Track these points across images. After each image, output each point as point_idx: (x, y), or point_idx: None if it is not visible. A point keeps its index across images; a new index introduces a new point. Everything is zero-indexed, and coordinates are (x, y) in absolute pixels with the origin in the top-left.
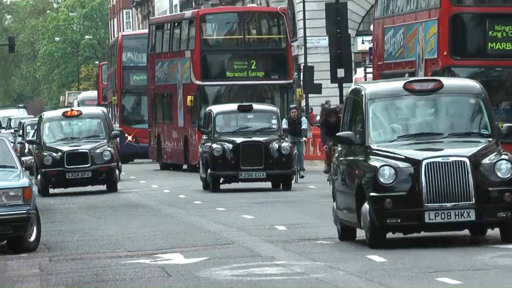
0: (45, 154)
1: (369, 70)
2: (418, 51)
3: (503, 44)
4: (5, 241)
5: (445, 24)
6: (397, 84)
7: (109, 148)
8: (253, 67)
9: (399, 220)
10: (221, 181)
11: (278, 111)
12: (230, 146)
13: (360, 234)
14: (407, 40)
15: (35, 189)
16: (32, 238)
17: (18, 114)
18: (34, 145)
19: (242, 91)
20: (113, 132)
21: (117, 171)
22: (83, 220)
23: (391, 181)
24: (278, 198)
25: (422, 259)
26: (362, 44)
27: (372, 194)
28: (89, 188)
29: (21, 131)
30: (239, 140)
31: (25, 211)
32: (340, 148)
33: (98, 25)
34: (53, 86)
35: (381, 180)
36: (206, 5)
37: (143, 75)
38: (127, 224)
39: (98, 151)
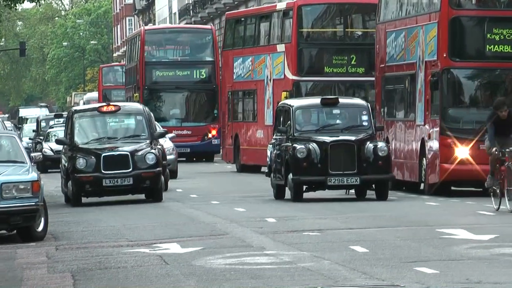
0: (77, 156)
1: None
2: (418, 54)
3: (501, 47)
4: (15, 231)
5: (445, 27)
6: None
7: (153, 150)
8: (353, 62)
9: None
10: (304, 188)
11: (369, 105)
12: (316, 146)
13: None
14: (408, 42)
15: (43, 182)
16: (40, 228)
17: (40, 113)
18: (63, 146)
19: (340, 88)
20: (157, 131)
21: (162, 178)
22: (88, 211)
23: None
24: (381, 213)
25: (401, 249)
26: None
27: None
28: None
29: (32, 127)
30: (327, 139)
31: (33, 203)
32: None
33: (102, 31)
34: (61, 87)
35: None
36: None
37: (166, 71)
38: (128, 216)
39: (140, 153)
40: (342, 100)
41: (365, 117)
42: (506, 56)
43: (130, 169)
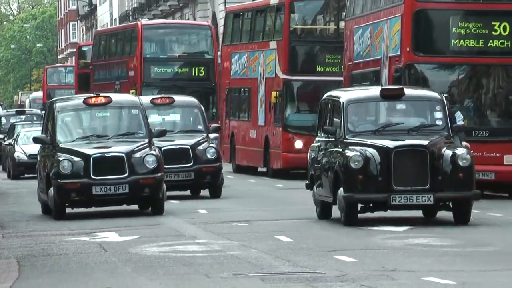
0: (60, 158)
1: None
2: (383, 49)
3: (467, 41)
4: None
5: (408, 20)
6: None
7: (153, 152)
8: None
9: None
10: (359, 208)
11: (444, 99)
12: (376, 153)
13: None
14: (373, 38)
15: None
16: None
17: None
18: (41, 145)
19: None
20: (156, 128)
21: (164, 186)
22: (32, 203)
23: None
24: (306, 206)
25: (322, 239)
26: None
27: None
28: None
29: None
30: (389, 143)
31: None
32: None
33: (48, 34)
34: (8, 87)
35: None
36: (148, 16)
37: (164, 67)
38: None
39: (138, 155)
40: (408, 92)
41: (439, 114)
42: (472, 51)
43: (126, 174)
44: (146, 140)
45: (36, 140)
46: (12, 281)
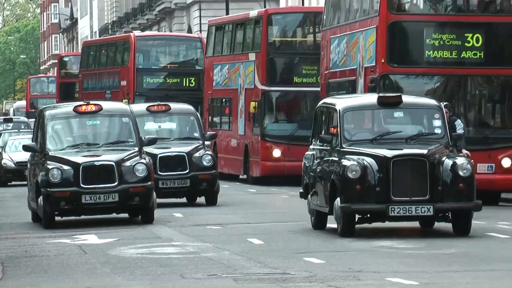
0: (50, 167)
1: None
2: (359, 59)
3: (440, 52)
4: None
5: (383, 32)
6: None
7: (143, 160)
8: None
9: None
10: (356, 219)
11: (442, 106)
12: (374, 162)
13: None
14: (349, 48)
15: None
16: None
17: None
18: (31, 154)
19: (311, 99)
20: (146, 137)
21: (154, 194)
22: (16, 206)
23: None
24: (275, 209)
25: (292, 242)
26: None
27: None
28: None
29: None
30: (387, 152)
31: None
32: None
33: (31, 46)
34: None
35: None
36: (126, 28)
37: (156, 78)
38: None
39: (128, 164)
40: (406, 99)
41: (437, 122)
42: (445, 61)
43: (116, 183)
44: (137, 149)
45: (26, 148)
46: None
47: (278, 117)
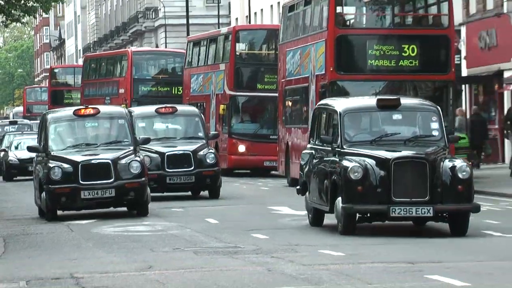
0: (51, 165)
1: None
2: (310, 68)
3: (381, 61)
4: None
5: (331, 44)
6: None
7: (137, 158)
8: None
9: None
10: (357, 218)
11: (440, 110)
12: (375, 164)
13: None
14: (302, 59)
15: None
16: None
17: None
18: (36, 154)
19: (270, 102)
20: (140, 137)
21: (148, 190)
22: (14, 193)
23: None
24: (227, 194)
25: (242, 221)
26: None
27: None
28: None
29: None
30: (388, 154)
31: None
32: None
33: (26, 62)
34: None
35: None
36: (105, 47)
37: (149, 86)
38: None
39: (123, 161)
40: (405, 102)
41: (435, 125)
42: (385, 69)
43: (112, 179)
44: (132, 148)
45: (30, 149)
46: (0, 253)
47: (243, 118)
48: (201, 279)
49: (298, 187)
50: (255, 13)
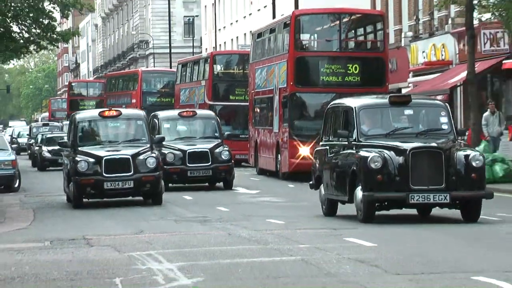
0: (78, 159)
1: None
2: (275, 83)
3: (330, 77)
4: (2, 186)
5: (292, 64)
6: None
7: (153, 154)
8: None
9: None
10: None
11: (448, 106)
12: (394, 154)
13: None
14: (268, 75)
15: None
16: (16, 185)
17: (20, 124)
18: (65, 149)
19: (240, 110)
20: (156, 136)
21: (162, 182)
22: (45, 179)
23: None
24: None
25: (210, 199)
26: None
27: None
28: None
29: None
30: (405, 145)
31: (12, 172)
32: None
33: (51, 80)
34: (29, 110)
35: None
36: (109, 68)
37: (154, 98)
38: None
39: (141, 157)
40: (415, 99)
41: (444, 119)
42: (334, 83)
43: (131, 173)
44: (148, 145)
45: (61, 144)
46: (30, 221)
47: (220, 122)
48: (179, 240)
49: (311, 182)
50: (220, 44)
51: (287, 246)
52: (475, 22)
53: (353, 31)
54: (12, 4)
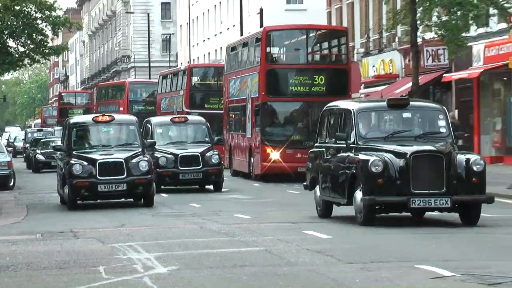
0: (73, 162)
1: None
2: (247, 92)
3: (299, 88)
4: None
5: (263, 76)
6: None
7: (145, 158)
8: (222, 102)
9: None
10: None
11: (446, 109)
12: (394, 158)
13: None
14: (241, 85)
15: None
16: (11, 183)
17: (15, 129)
18: (59, 152)
19: (216, 117)
20: (147, 141)
21: (154, 184)
22: (38, 179)
23: None
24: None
25: (184, 197)
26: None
27: None
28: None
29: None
30: (406, 149)
31: (8, 172)
32: None
33: (43, 90)
34: (23, 117)
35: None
36: (95, 80)
37: (140, 106)
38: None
39: (134, 161)
40: (413, 102)
41: (442, 122)
42: (302, 93)
43: (124, 176)
44: (140, 149)
45: (55, 148)
46: (23, 216)
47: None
48: (156, 233)
49: (305, 183)
50: (193, 59)
51: (252, 238)
52: (419, 40)
53: (319, 45)
54: (9, 22)
